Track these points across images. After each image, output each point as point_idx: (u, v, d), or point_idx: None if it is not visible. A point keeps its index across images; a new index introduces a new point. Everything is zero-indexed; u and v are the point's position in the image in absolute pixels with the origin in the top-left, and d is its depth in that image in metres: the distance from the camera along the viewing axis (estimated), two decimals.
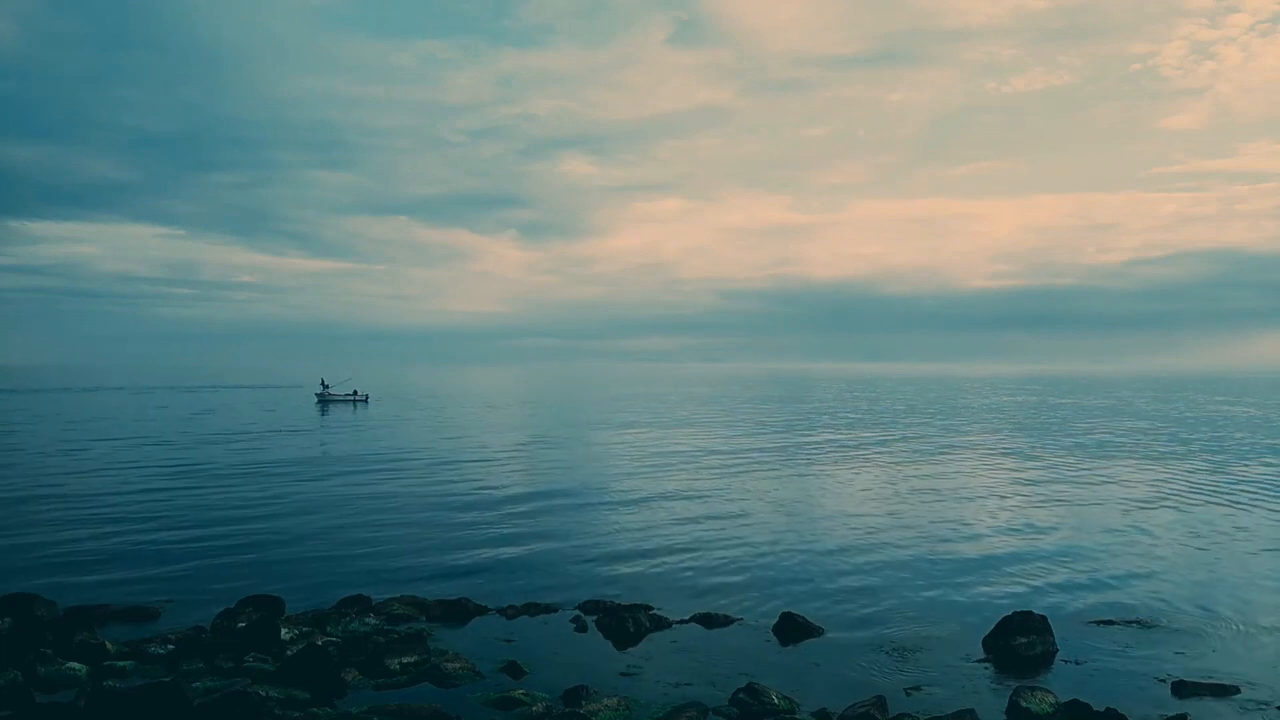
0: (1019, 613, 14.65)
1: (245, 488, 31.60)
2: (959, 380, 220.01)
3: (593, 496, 30.42)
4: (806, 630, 15.16)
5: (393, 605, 16.09)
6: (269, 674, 12.43)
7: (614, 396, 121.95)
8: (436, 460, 40.95)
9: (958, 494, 31.41)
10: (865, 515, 26.81)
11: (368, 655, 13.25)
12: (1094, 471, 38.14)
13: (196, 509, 26.98)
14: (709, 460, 42.09)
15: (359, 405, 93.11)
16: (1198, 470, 38.62)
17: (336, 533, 23.54)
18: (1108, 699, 11.79)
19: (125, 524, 24.43)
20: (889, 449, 47.83)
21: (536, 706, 11.52)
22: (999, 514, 27.24)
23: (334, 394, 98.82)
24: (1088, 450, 47.44)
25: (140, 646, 13.50)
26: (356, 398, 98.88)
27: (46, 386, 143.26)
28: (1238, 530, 24.78)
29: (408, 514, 26.42)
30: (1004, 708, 11.71)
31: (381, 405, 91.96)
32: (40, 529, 23.66)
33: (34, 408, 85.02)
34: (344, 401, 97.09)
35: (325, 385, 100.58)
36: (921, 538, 23.45)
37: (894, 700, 11.82)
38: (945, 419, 73.91)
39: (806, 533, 24.14)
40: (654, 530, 24.28)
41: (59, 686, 12.00)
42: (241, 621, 14.40)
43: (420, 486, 32.39)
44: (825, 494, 31.38)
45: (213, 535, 23.04)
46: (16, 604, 14.61)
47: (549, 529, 24.37)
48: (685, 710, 11.37)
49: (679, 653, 14.18)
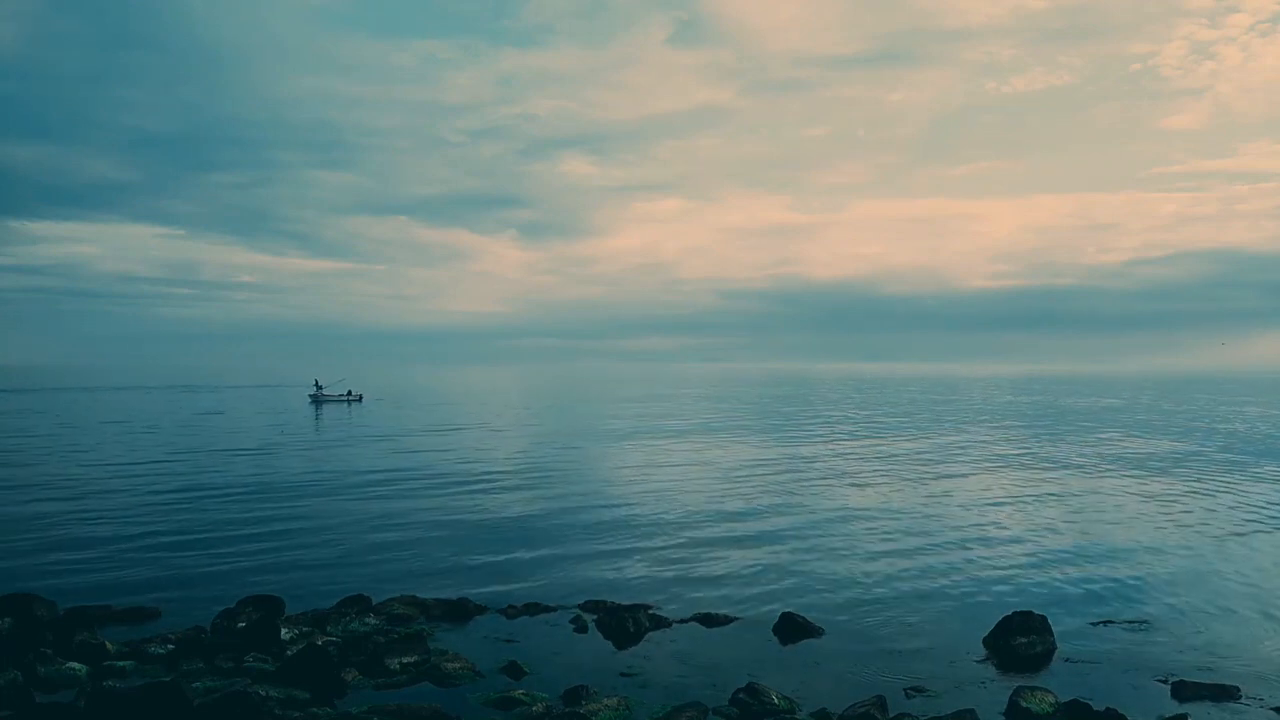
0: (1019, 613, 14.65)
1: (245, 487, 31.59)
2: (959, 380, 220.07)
3: (593, 497, 30.40)
4: (806, 630, 15.16)
5: (393, 605, 16.08)
6: (269, 674, 12.43)
7: (614, 397, 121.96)
8: (436, 460, 40.93)
9: (958, 494, 31.40)
10: (865, 515, 26.81)
11: (368, 655, 13.25)
12: (1094, 472, 38.13)
13: (196, 509, 26.98)
14: (709, 460, 42.08)
15: (353, 405, 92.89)
16: (1199, 470, 38.61)
17: (336, 533, 23.54)
18: (1108, 699, 11.80)
19: (125, 524, 24.42)
20: (889, 449, 47.82)
21: (536, 706, 11.52)
22: (999, 514, 27.22)
23: (328, 394, 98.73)
24: (1088, 450, 47.44)
25: (140, 646, 13.50)
26: (350, 397, 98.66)
27: (46, 386, 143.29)
28: (1239, 530, 24.78)
29: (407, 514, 26.41)
30: (1004, 708, 11.71)
31: (380, 405, 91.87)
32: (40, 529, 23.66)
33: (34, 408, 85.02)
34: (338, 401, 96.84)
35: (319, 386, 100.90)
36: (922, 538, 23.45)
37: (894, 700, 11.82)
38: (945, 419, 73.90)
39: (806, 533, 24.13)
40: (654, 530, 24.27)
41: (59, 686, 12.00)
42: (241, 621, 14.40)
43: (420, 487, 32.37)
44: (825, 494, 31.36)
45: (213, 535, 23.04)
46: (16, 604, 14.60)
47: (549, 529, 24.37)
48: (685, 710, 11.37)
49: (679, 653, 14.18)
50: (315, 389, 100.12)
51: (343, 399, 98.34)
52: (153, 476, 34.40)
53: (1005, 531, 24.46)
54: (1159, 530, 24.72)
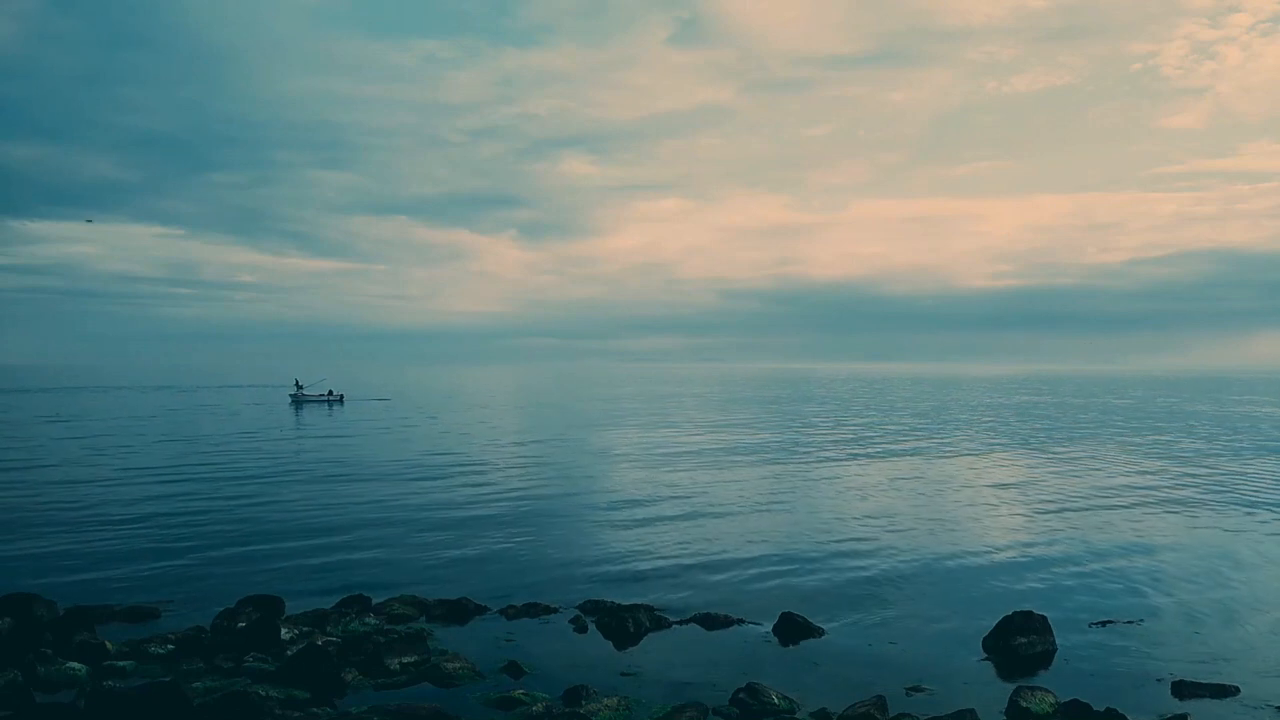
0: (1019, 613, 14.64)
1: (245, 488, 31.59)
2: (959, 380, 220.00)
3: (593, 496, 30.43)
4: (806, 630, 15.15)
5: (393, 605, 16.09)
6: (269, 674, 12.43)
7: (614, 397, 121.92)
8: (436, 460, 40.94)
9: (958, 494, 31.41)
10: (866, 515, 26.81)
11: (368, 655, 13.24)
12: (1095, 472, 38.13)
13: (196, 509, 26.98)
14: (709, 460, 42.08)
15: (334, 405, 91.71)
16: (1200, 470, 38.61)
17: (336, 533, 23.53)
18: (1108, 699, 11.79)
19: (125, 524, 24.43)
20: (889, 449, 47.81)
21: (536, 706, 11.51)
22: (1000, 514, 27.23)
23: (308, 394, 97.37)
24: (1088, 450, 47.42)
25: (140, 646, 13.49)
26: (331, 398, 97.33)
27: (46, 386, 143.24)
28: (1239, 530, 24.78)
29: (407, 514, 26.42)
30: (1004, 708, 11.70)
31: (372, 406, 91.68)
32: (40, 529, 23.66)
33: (34, 407, 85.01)
34: (318, 402, 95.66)
35: (299, 386, 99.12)
36: (922, 537, 23.45)
37: (894, 700, 11.81)
38: (945, 419, 73.88)
39: (807, 532, 24.13)
40: (654, 530, 24.28)
41: (59, 686, 12.00)
42: (241, 621, 14.39)
43: (420, 487, 32.38)
44: (826, 494, 31.37)
45: (212, 535, 23.04)
46: (16, 604, 14.60)
47: (549, 529, 24.38)
48: (685, 710, 11.37)
49: (679, 653, 14.17)
50: (295, 389, 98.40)
51: (324, 399, 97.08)
52: (152, 476, 34.40)
53: (1005, 531, 24.45)
54: (1159, 530, 24.71)
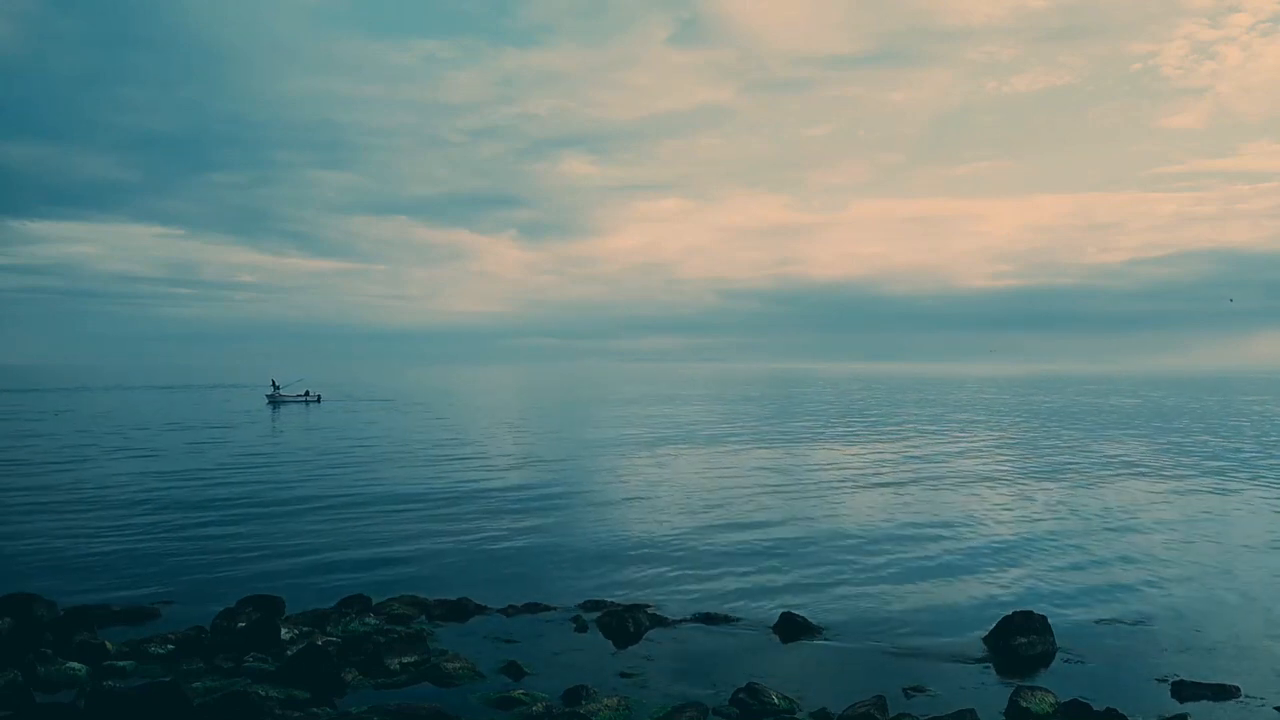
0: (1019, 613, 14.64)
1: (245, 488, 31.59)
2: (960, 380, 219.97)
3: (593, 496, 30.42)
4: (806, 630, 15.16)
5: (393, 605, 16.08)
6: (269, 674, 12.42)
7: (614, 397, 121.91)
8: (437, 460, 40.94)
9: (959, 494, 31.41)
10: (866, 515, 26.81)
11: (368, 655, 13.23)
12: (1095, 472, 38.12)
13: (196, 509, 26.97)
14: (709, 460, 42.08)
15: (311, 405, 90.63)
16: (1200, 470, 38.61)
17: (336, 533, 23.53)
18: (1108, 699, 11.78)
19: (125, 524, 24.42)
20: (890, 449, 47.82)
21: (536, 706, 11.51)
22: (1000, 514, 27.22)
23: (285, 395, 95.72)
24: (1088, 450, 47.42)
25: (140, 646, 13.49)
26: (309, 398, 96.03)
27: (46, 386, 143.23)
28: (1240, 530, 24.78)
29: (407, 514, 26.41)
30: (1004, 708, 11.69)
31: (367, 406, 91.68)
32: (40, 529, 23.64)
33: (34, 408, 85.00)
34: (296, 402, 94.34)
35: (276, 386, 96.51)
36: (922, 537, 23.44)
37: (894, 700, 11.81)
38: (945, 419, 73.87)
39: (807, 532, 24.13)
40: (654, 530, 24.27)
41: (59, 686, 11.99)
42: (241, 621, 14.38)
43: (420, 487, 32.38)
44: (826, 493, 31.36)
45: (212, 535, 23.04)
46: (16, 604, 14.60)
47: (549, 529, 24.37)
48: (685, 710, 11.36)
49: (679, 653, 14.17)
50: (272, 389, 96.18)
51: (301, 399, 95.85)
52: (152, 476, 34.39)
53: (1006, 531, 24.45)
54: (1159, 529, 24.71)
